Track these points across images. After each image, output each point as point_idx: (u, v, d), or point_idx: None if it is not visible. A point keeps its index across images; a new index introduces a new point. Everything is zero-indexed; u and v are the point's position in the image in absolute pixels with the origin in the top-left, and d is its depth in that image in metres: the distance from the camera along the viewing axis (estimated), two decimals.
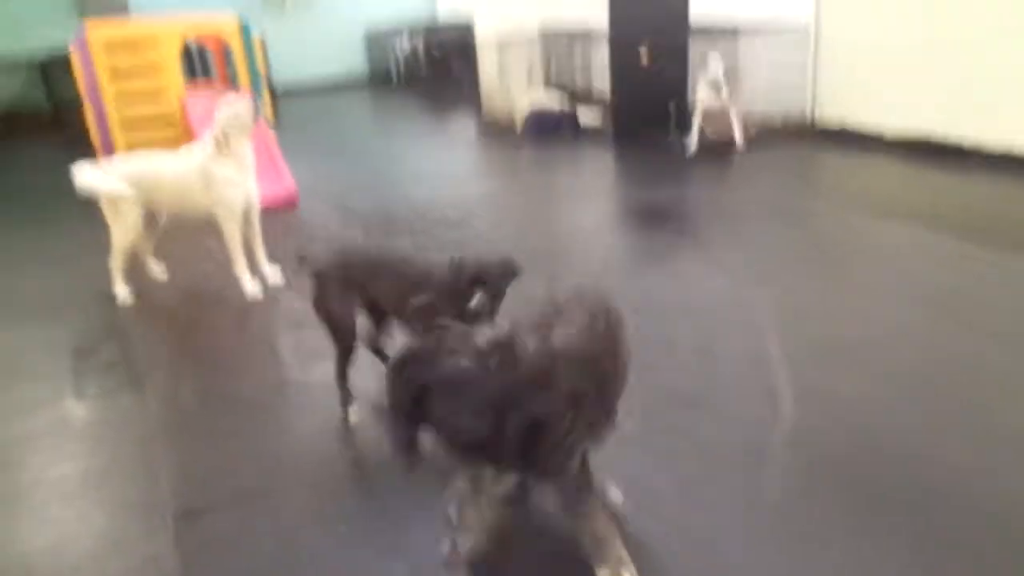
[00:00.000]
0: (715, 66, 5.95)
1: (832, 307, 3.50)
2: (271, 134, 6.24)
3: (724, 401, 2.80)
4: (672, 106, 6.37)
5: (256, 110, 3.97)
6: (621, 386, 1.95)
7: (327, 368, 2.85)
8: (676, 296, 3.73)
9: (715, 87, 6.00)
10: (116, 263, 4.14)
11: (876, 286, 3.67)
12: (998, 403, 2.69)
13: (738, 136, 6.34)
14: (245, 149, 4.00)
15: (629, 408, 2.59)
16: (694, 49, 6.51)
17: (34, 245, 5.31)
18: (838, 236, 4.45)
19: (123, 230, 4.05)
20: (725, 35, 6.55)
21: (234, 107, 3.92)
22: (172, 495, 2.49)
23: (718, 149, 6.17)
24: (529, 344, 1.80)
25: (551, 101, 7.58)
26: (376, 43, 11.95)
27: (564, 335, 1.82)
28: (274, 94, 8.85)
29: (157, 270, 4.45)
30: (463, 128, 8.31)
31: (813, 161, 6.08)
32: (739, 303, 3.60)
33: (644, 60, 6.36)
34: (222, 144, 3.92)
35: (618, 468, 2.36)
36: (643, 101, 6.58)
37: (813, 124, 6.51)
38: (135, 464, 2.71)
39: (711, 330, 3.35)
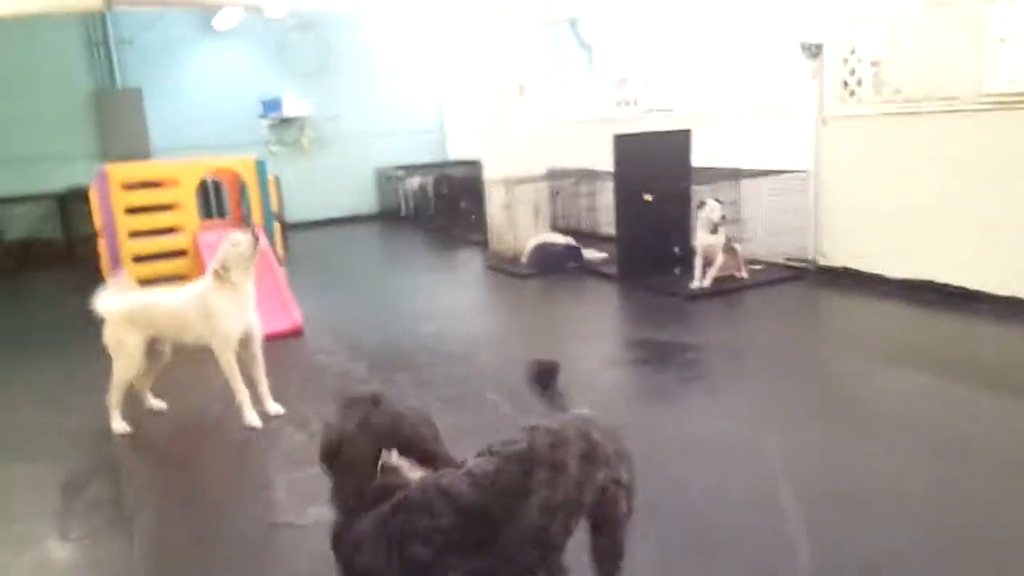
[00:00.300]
0: (710, 211, 6.16)
1: (842, 454, 3.39)
2: (280, 269, 6.33)
3: (738, 549, 2.67)
4: (676, 247, 6.47)
5: (257, 245, 4.03)
6: (535, 540, 1.89)
7: (322, 510, 2.74)
8: (683, 437, 3.64)
9: (713, 231, 6.17)
10: (114, 397, 4.09)
11: (886, 433, 3.57)
12: (1013, 549, 2.58)
13: (741, 274, 6.42)
14: (246, 282, 4.05)
15: (639, 552, 2.47)
16: (697, 190, 6.71)
17: (34, 378, 5.26)
18: (844, 381, 4.39)
19: (125, 363, 4.04)
20: (728, 177, 6.76)
21: (236, 241, 4.00)
22: None
23: (721, 289, 6.22)
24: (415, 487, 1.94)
25: (557, 237, 7.73)
26: (386, 180, 12.37)
27: (456, 480, 1.91)
28: (285, 229, 9.05)
29: (155, 404, 4.39)
30: (470, 263, 8.44)
31: (817, 301, 6.10)
32: (747, 446, 3.50)
33: (647, 197, 6.52)
34: (222, 276, 3.98)
35: None
36: (647, 240, 6.69)
37: (816, 264, 6.58)
38: None
39: (720, 473, 3.24)
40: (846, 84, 6.27)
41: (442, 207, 11.09)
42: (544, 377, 2.26)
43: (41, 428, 4.31)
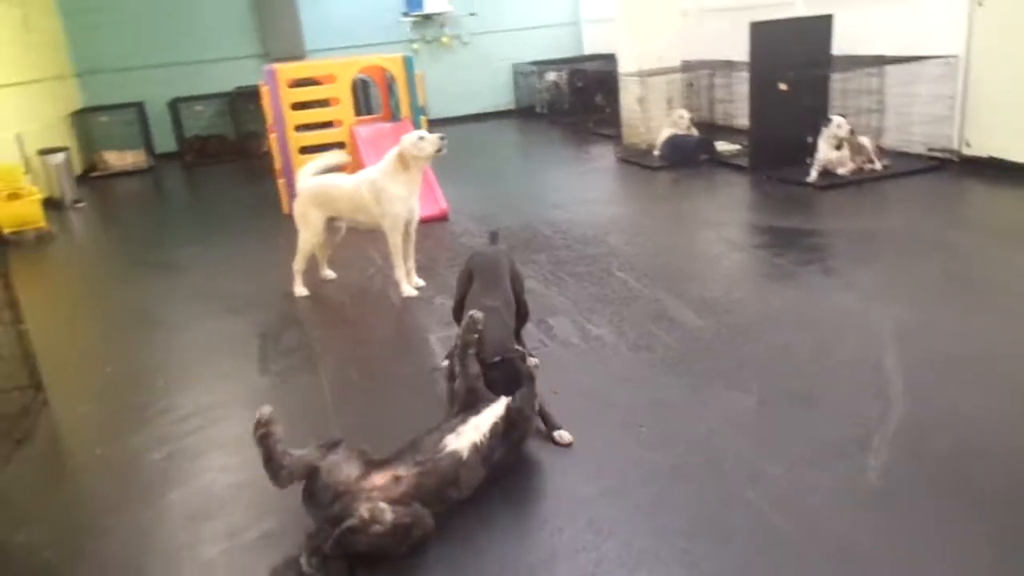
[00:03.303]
0: (837, 127, 6.21)
1: (959, 327, 3.56)
2: None
3: (836, 401, 3.00)
4: (809, 137, 6.47)
5: (440, 150, 4.52)
6: None
7: None
8: (798, 309, 3.92)
9: (838, 146, 6.27)
10: (298, 265, 4.83)
11: (1009, 312, 3.69)
12: None
13: (875, 166, 6.39)
14: (418, 173, 4.60)
15: (743, 401, 2.87)
16: (838, 80, 6.63)
17: (229, 256, 6.12)
18: (975, 263, 4.45)
19: (308, 235, 4.75)
20: (869, 64, 6.61)
21: (425, 139, 4.50)
22: None
23: (855, 179, 6.23)
24: None
25: (690, 129, 7.84)
26: (523, 76, 12.62)
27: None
28: (430, 123, 9.58)
29: (327, 274, 5.11)
30: (603, 156, 8.69)
31: (957, 191, 6.01)
32: (861, 318, 3.74)
33: (782, 86, 6.52)
34: (401, 165, 4.50)
35: (731, 450, 2.65)
36: (781, 130, 6.72)
37: (960, 154, 6.42)
38: (314, 427, 3.23)
39: (830, 340, 3.52)
40: None
41: (576, 102, 11.27)
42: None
43: (243, 292, 5.12)
